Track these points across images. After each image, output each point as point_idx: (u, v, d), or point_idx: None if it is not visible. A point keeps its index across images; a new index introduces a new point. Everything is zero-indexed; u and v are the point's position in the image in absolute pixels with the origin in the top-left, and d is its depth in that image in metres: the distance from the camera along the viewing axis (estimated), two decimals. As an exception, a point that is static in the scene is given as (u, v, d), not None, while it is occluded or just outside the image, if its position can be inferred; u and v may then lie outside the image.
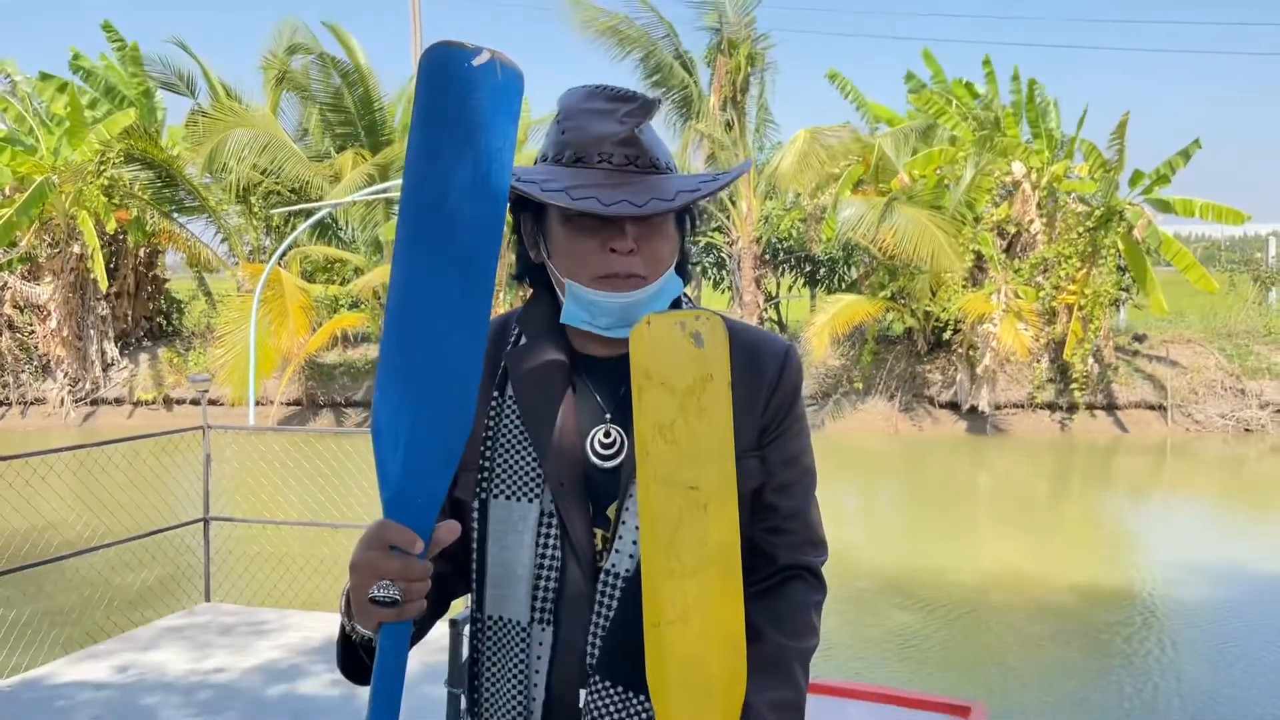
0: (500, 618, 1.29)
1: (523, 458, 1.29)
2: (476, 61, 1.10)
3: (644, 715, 1.24)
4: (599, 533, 1.28)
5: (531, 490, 1.28)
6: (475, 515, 1.30)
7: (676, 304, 1.35)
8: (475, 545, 1.31)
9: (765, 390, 1.34)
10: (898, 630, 7.00)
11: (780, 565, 1.33)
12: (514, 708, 1.28)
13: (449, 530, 1.11)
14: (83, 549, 5.96)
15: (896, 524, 11.37)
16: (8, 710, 4.44)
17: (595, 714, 1.25)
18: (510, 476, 1.30)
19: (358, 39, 19.36)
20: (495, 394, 1.33)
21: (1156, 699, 5.80)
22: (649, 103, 1.29)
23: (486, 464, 1.31)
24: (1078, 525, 10.96)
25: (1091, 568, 8.74)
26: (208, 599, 6.11)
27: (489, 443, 1.31)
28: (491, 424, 1.32)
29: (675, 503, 1.16)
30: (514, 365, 1.33)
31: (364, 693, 1.12)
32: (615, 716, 1.24)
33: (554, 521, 1.28)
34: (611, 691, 1.24)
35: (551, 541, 1.27)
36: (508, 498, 1.29)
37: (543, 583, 1.27)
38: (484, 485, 1.30)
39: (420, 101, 1.10)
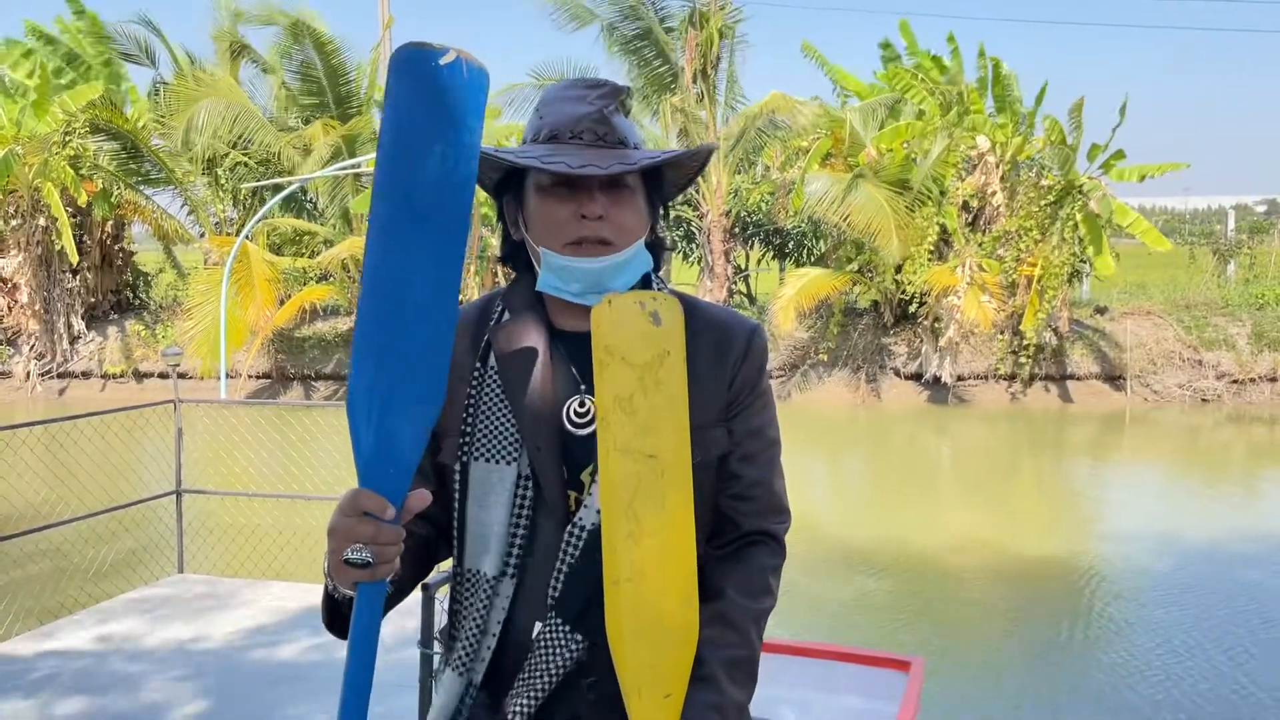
0: (474, 570, 1.40)
1: (502, 424, 1.39)
2: (444, 60, 1.19)
3: (571, 649, 1.35)
4: (572, 495, 1.38)
5: (510, 454, 1.38)
6: (457, 478, 1.41)
7: (645, 282, 1.44)
8: (456, 506, 1.41)
9: (732, 365, 1.42)
10: (855, 594, 7.21)
11: (744, 531, 1.42)
12: (470, 648, 1.40)
13: (420, 498, 1.22)
14: (54, 522, 6.00)
15: (859, 492, 11.61)
16: (-15, 679, 4.53)
17: (543, 646, 1.36)
18: (490, 441, 1.39)
19: (316, 6, 19.15)
20: (478, 365, 1.43)
21: (1096, 662, 6.04)
22: (619, 88, 1.41)
23: (468, 429, 1.40)
24: (1033, 493, 11.24)
25: (1045, 534, 9.00)
26: (180, 570, 6.19)
27: (470, 410, 1.41)
28: (474, 393, 1.42)
29: (634, 470, 1.25)
30: (496, 339, 1.43)
31: (338, 658, 1.23)
32: (557, 650, 1.35)
33: (530, 483, 1.38)
34: (560, 628, 1.36)
35: (527, 502, 1.37)
36: (487, 461, 1.39)
37: (516, 539, 1.38)
38: (465, 449, 1.40)
39: (390, 98, 1.19)
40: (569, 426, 1.39)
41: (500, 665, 1.40)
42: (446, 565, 1.53)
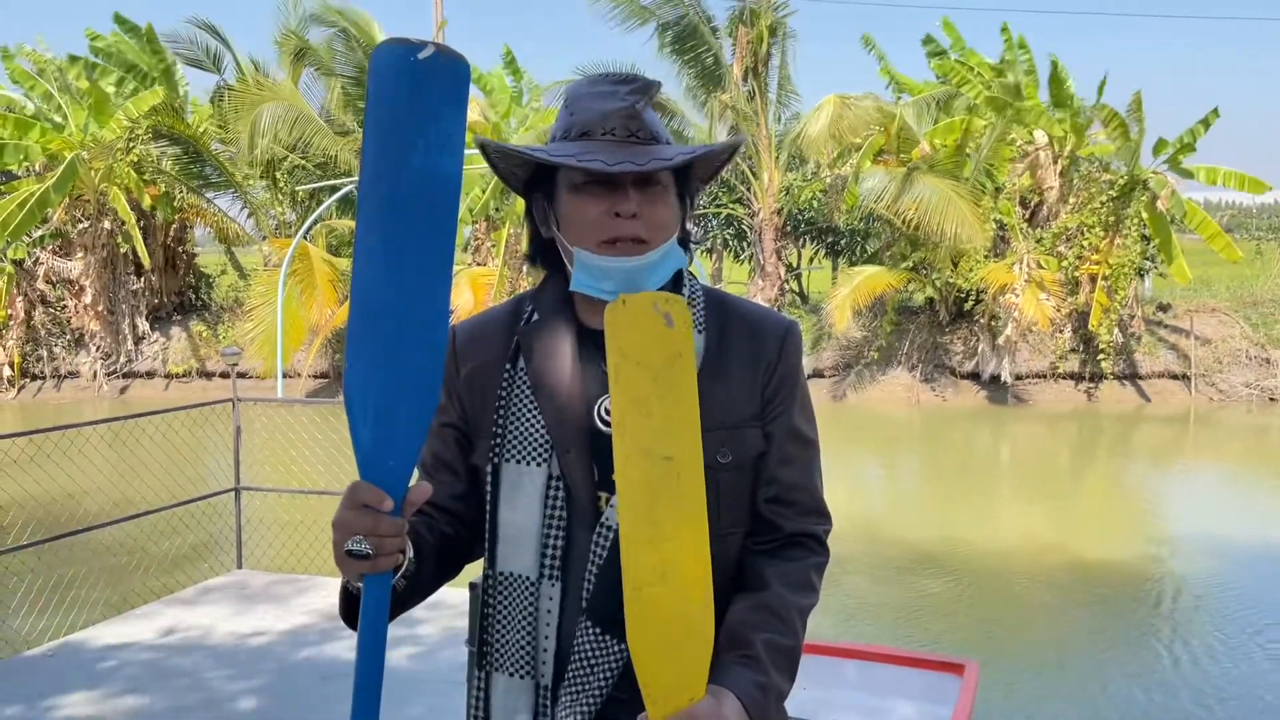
0: (510, 573, 1.38)
1: (532, 425, 1.38)
2: (421, 55, 1.19)
3: (614, 657, 1.33)
4: (603, 495, 1.36)
5: (540, 455, 1.37)
6: (489, 479, 1.40)
7: (678, 278, 1.42)
8: (488, 507, 1.40)
9: (767, 364, 1.40)
10: (911, 595, 7.12)
11: (786, 532, 1.40)
12: (523, 657, 1.38)
13: (421, 490, 1.22)
14: (118, 518, 6.15)
15: (918, 492, 11.47)
16: (50, 672, 4.65)
17: (580, 654, 1.35)
18: (521, 442, 1.38)
19: (372, 10, 19.41)
20: (508, 366, 1.41)
21: (1155, 668, 5.90)
22: (649, 83, 1.39)
23: (499, 431, 1.39)
24: (1096, 494, 11.01)
25: (1106, 537, 8.81)
26: (239, 565, 6.31)
27: (501, 411, 1.40)
28: (504, 394, 1.40)
29: (653, 472, 1.23)
30: (526, 339, 1.42)
31: (391, 656, 1.23)
32: (595, 657, 1.34)
33: (560, 484, 1.36)
34: (593, 633, 1.34)
35: (558, 503, 1.36)
36: (518, 462, 1.38)
37: (551, 540, 1.36)
38: (496, 451, 1.39)
39: (372, 96, 1.20)
40: (600, 426, 1.37)
41: (558, 670, 1.39)
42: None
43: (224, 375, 17.79)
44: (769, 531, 1.40)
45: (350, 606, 1.31)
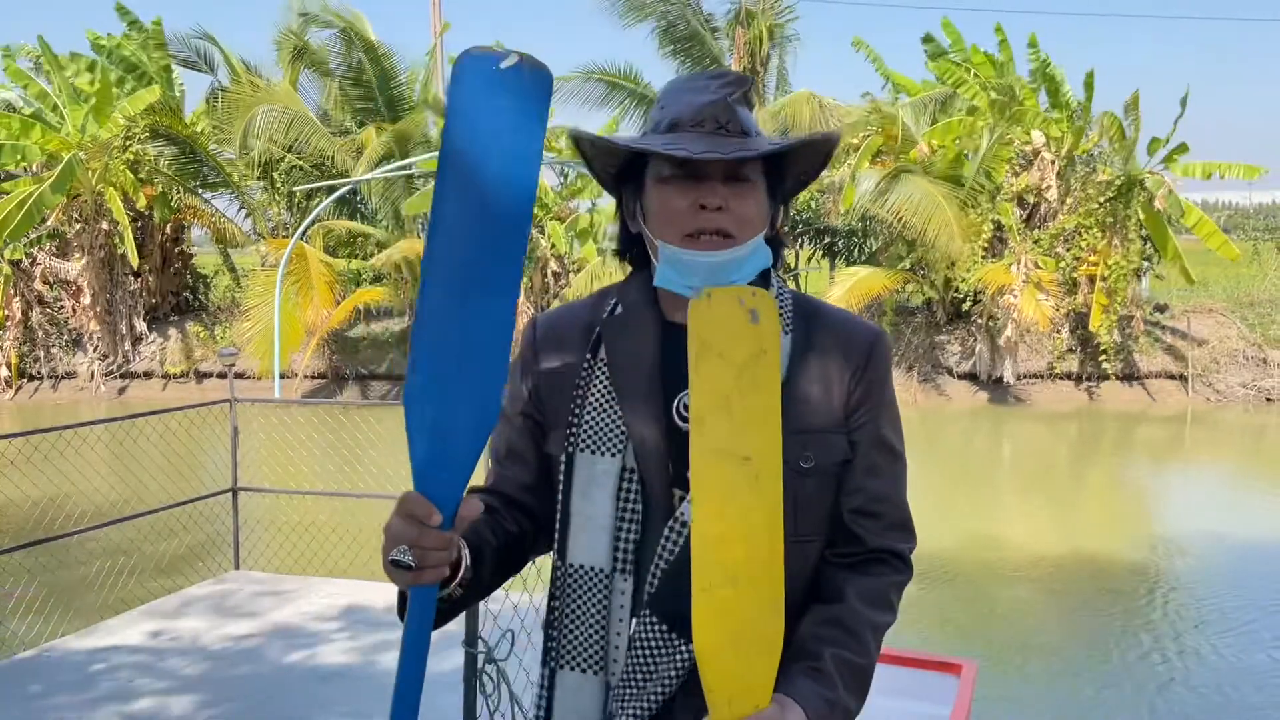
0: (582, 566, 1.36)
1: (609, 416, 1.36)
2: (504, 65, 1.18)
3: (680, 656, 1.29)
4: (677, 492, 1.34)
5: (615, 446, 1.35)
6: (562, 468, 1.38)
7: (765, 277, 1.40)
8: (560, 496, 1.38)
9: (854, 372, 1.37)
10: (912, 595, 7.10)
11: (870, 547, 1.37)
12: (595, 650, 1.35)
13: (471, 507, 1.18)
14: (115, 518, 6.14)
15: (916, 492, 11.39)
16: (43, 674, 4.64)
17: (640, 646, 1.31)
18: (596, 433, 1.36)
19: (369, 13, 19.47)
20: (588, 356, 1.40)
21: (1152, 666, 5.90)
22: (743, 78, 1.37)
23: (575, 420, 1.38)
24: (1094, 494, 11.02)
25: (1105, 536, 8.82)
26: (237, 566, 6.30)
27: (579, 401, 1.39)
28: (582, 384, 1.39)
29: (729, 472, 1.20)
30: (608, 331, 1.40)
31: (388, 657, 1.23)
32: (658, 655, 1.31)
33: (634, 477, 1.35)
34: (657, 629, 1.31)
35: (632, 496, 1.35)
36: (593, 452, 1.36)
37: (623, 533, 1.34)
38: (571, 440, 1.38)
39: (452, 104, 1.19)
40: (678, 422, 1.34)
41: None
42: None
43: (221, 376, 17.76)
44: (852, 544, 1.37)
45: (405, 606, 1.29)
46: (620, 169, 1.41)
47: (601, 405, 1.37)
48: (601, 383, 1.39)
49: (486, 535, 1.35)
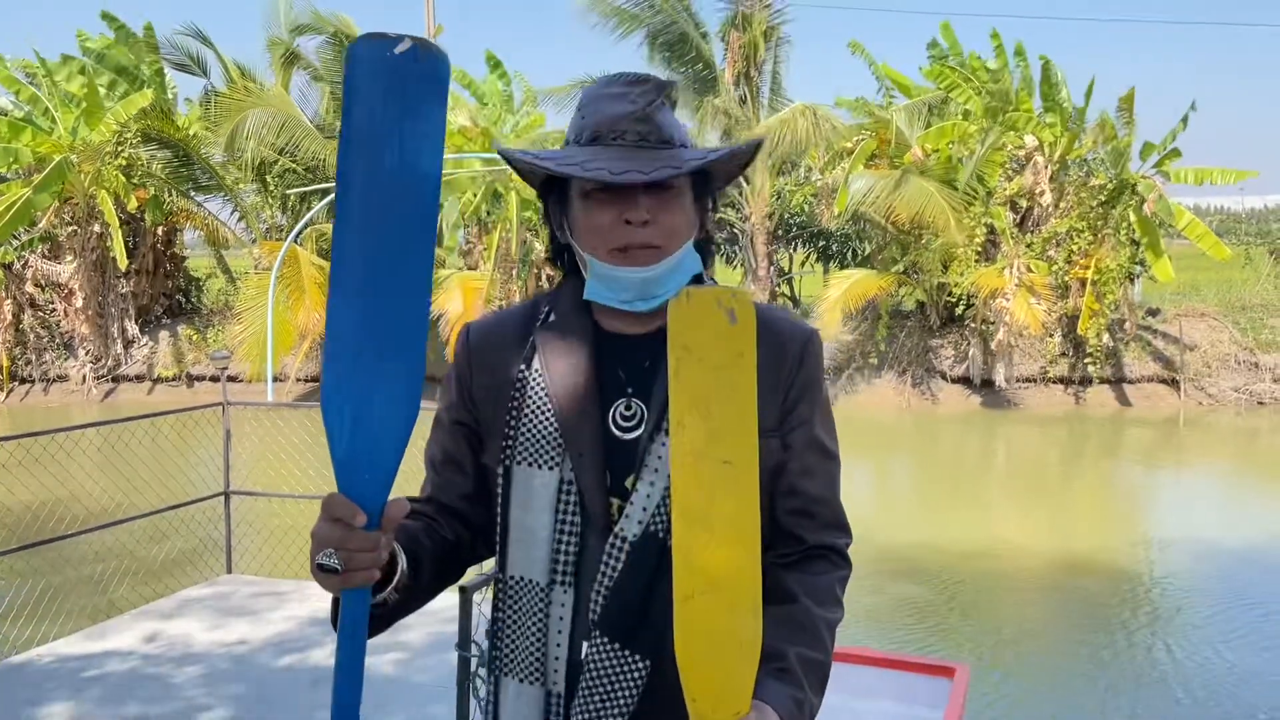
0: (522, 578, 1.35)
1: (546, 428, 1.35)
2: (398, 49, 1.14)
3: (636, 672, 1.29)
4: (615, 501, 1.33)
5: (552, 459, 1.34)
6: (500, 481, 1.37)
7: (697, 281, 1.38)
8: (499, 509, 1.37)
9: (787, 373, 1.37)
10: (899, 599, 7.13)
11: (808, 544, 1.37)
12: (533, 663, 1.34)
13: (398, 507, 1.15)
14: (107, 522, 6.10)
15: (908, 496, 11.48)
16: (33, 679, 4.62)
17: (593, 668, 1.31)
18: (533, 445, 1.35)
19: (359, 18, 19.40)
20: (522, 367, 1.38)
21: (1143, 669, 5.91)
22: (662, 84, 1.35)
23: (511, 432, 1.36)
24: (1087, 498, 11.04)
25: (1097, 540, 8.83)
26: (229, 570, 6.28)
27: (514, 413, 1.37)
28: (517, 395, 1.37)
29: (710, 476, 1.18)
30: (541, 340, 1.39)
31: (381, 660, 1.20)
32: (611, 671, 1.31)
33: (573, 489, 1.33)
34: (609, 647, 1.31)
35: (570, 508, 1.33)
36: (530, 465, 1.35)
37: (563, 546, 1.33)
38: (508, 453, 1.36)
39: (348, 91, 1.15)
40: (614, 430, 1.35)
41: (571, 679, 1.36)
42: (487, 566, 1.48)
43: (213, 379, 17.73)
44: (790, 544, 1.37)
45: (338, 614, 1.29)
46: (545, 179, 1.39)
47: (538, 416, 1.36)
48: (538, 393, 1.37)
49: (423, 541, 1.33)
